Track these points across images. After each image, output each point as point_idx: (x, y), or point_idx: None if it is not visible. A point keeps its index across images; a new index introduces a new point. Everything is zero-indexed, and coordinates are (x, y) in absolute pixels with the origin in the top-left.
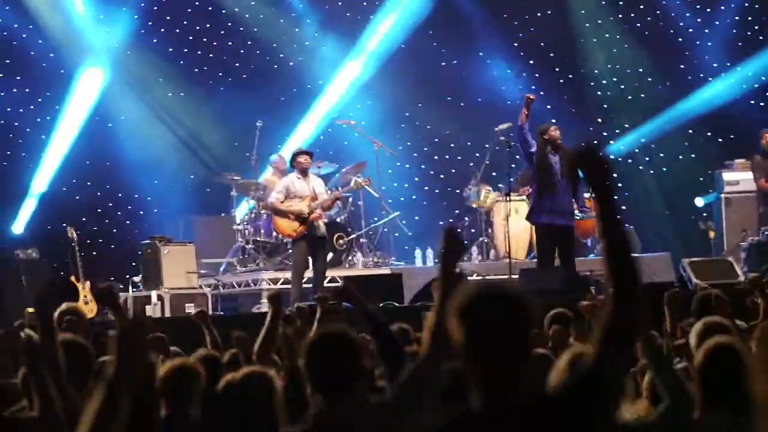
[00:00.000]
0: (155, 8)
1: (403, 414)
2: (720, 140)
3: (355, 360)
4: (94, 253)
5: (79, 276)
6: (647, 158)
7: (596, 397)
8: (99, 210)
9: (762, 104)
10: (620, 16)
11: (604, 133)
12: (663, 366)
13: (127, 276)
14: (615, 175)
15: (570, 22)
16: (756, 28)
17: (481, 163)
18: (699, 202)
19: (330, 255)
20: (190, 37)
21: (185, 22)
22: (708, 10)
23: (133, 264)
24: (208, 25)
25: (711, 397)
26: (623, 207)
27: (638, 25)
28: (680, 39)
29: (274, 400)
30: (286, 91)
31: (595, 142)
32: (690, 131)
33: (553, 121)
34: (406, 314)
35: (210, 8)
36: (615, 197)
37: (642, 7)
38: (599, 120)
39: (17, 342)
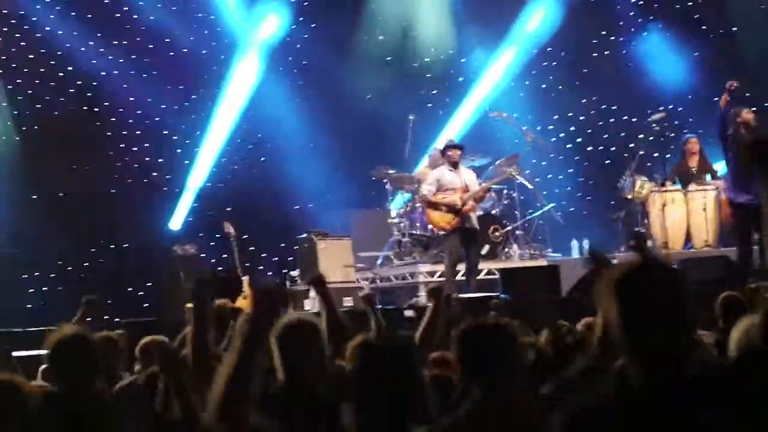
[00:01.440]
0: (305, 3)
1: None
2: None
3: (512, 350)
4: (252, 248)
5: (237, 271)
6: None
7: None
8: (255, 205)
9: None
10: None
11: None
12: None
13: (285, 271)
14: None
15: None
16: None
17: (635, 153)
18: None
19: (486, 248)
20: (340, 32)
21: (334, 16)
22: None
23: (290, 258)
24: (357, 20)
25: None
26: None
27: None
28: None
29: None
30: (439, 83)
31: None
32: None
33: None
34: (563, 306)
35: (357, 3)
36: None
37: None
38: None
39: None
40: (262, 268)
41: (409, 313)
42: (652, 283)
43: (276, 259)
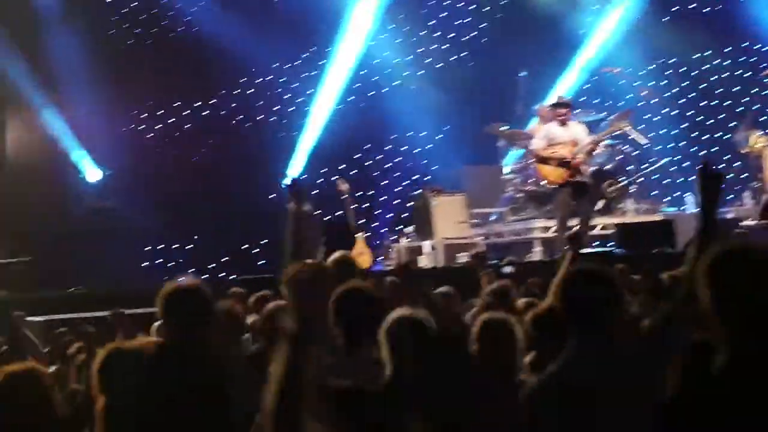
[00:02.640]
0: None
1: (655, 358)
2: None
3: (612, 296)
4: (366, 204)
5: (352, 228)
6: None
7: None
8: (369, 162)
9: None
10: None
11: None
12: None
13: (400, 227)
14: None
15: None
16: None
17: (749, 108)
18: None
19: (600, 203)
20: None
21: None
22: None
23: (405, 215)
24: None
25: None
26: None
27: None
28: None
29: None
30: (551, 40)
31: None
32: None
33: None
34: (679, 261)
35: None
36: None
37: None
38: None
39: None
40: (376, 224)
41: (507, 269)
42: (740, 273)
43: (390, 216)
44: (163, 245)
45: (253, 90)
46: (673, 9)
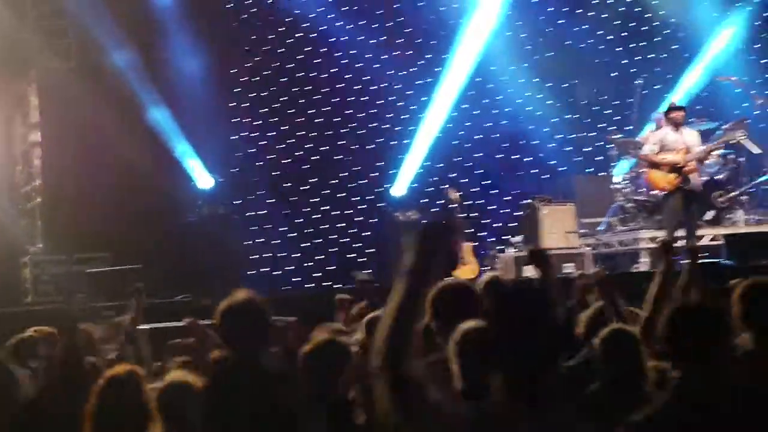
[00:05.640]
0: None
1: None
2: None
3: (714, 326)
4: (475, 214)
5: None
6: None
7: None
8: (480, 171)
9: None
10: None
11: None
12: None
13: (506, 236)
14: None
15: None
16: None
17: None
18: None
19: (711, 213)
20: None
21: None
22: None
23: (513, 224)
24: None
25: None
26: None
27: None
28: None
29: None
30: (666, 48)
31: None
32: None
33: None
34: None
35: None
36: None
37: None
38: None
39: None
40: (484, 234)
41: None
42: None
43: (499, 225)
44: (271, 254)
45: (366, 98)
46: None
